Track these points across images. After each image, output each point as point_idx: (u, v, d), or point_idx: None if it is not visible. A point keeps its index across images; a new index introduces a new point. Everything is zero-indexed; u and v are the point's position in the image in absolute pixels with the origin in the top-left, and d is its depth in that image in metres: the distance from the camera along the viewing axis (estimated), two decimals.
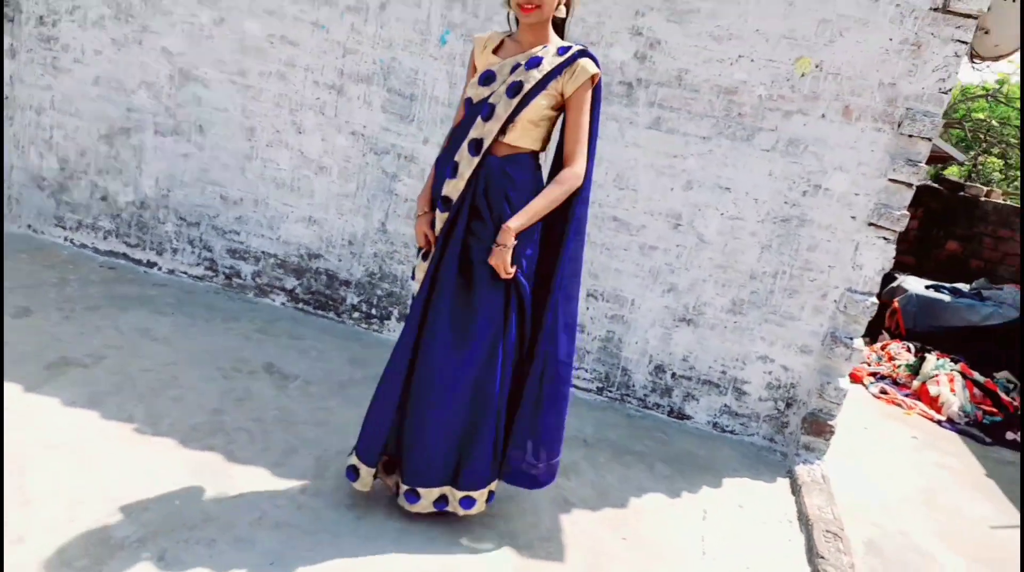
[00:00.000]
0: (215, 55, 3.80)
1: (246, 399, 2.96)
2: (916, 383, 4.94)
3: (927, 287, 6.03)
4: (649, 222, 3.43)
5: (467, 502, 2.31)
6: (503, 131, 2.14)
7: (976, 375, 4.97)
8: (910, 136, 3.07)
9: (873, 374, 5.11)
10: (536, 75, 2.10)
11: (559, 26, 2.23)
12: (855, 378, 4.98)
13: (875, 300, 3.25)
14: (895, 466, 3.73)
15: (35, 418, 2.53)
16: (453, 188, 2.17)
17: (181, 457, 2.47)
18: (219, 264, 4.09)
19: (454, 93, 3.51)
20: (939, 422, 4.56)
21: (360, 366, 3.48)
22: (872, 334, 6.05)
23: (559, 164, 2.23)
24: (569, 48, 2.14)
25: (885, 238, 3.20)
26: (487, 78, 2.16)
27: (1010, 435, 4.50)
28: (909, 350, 5.41)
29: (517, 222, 2.11)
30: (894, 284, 6.15)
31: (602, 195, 3.45)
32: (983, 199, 7.46)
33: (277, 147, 3.84)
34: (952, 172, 14.07)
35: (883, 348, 5.52)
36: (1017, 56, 4.85)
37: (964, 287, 6.19)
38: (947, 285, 6.14)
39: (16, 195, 4.31)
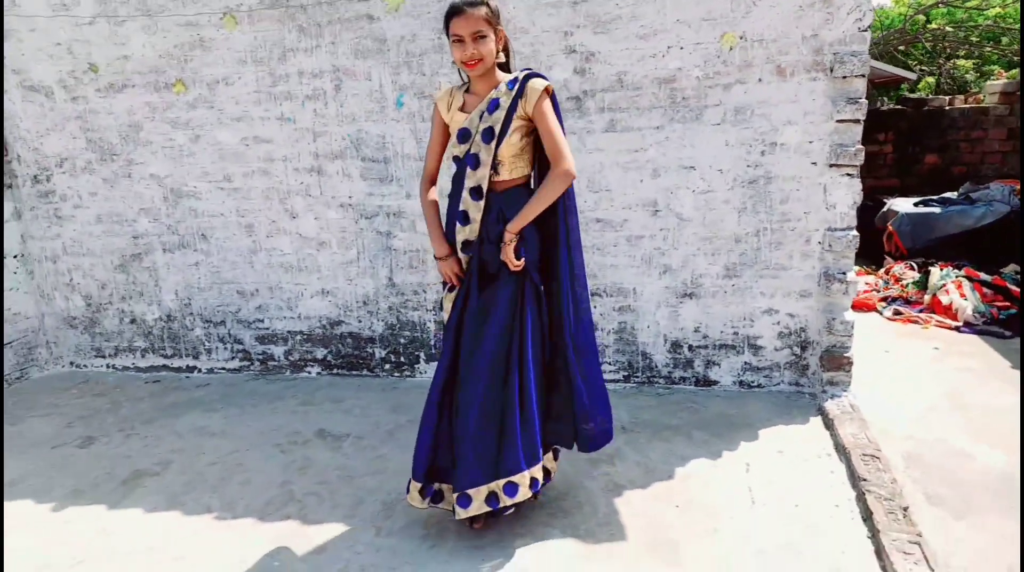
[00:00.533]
0: (200, 169, 4.11)
1: (307, 467, 3.20)
2: (927, 297, 5.09)
3: (916, 204, 6.19)
4: (629, 215, 3.67)
5: (510, 488, 2.44)
6: (495, 171, 2.42)
7: (982, 276, 5.12)
8: (844, 78, 3.29)
9: (884, 299, 5.27)
10: (500, 115, 2.37)
11: (504, 66, 2.49)
12: (868, 307, 5.15)
13: (855, 233, 3.45)
14: (921, 379, 3.89)
15: (124, 528, 2.78)
16: (469, 231, 2.47)
17: (262, 532, 2.71)
18: (252, 353, 4.36)
19: (422, 147, 3.78)
20: (957, 329, 4.71)
21: (403, 412, 3.71)
22: (876, 261, 6.21)
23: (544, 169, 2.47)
24: (516, 79, 2.39)
25: (849, 174, 3.41)
26: (464, 135, 2.44)
27: None
28: (913, 268, 5.57)
29: (514, 223, 2.38)
30: (884, 209, 6.32)
31: (580, 201, 3.68)
32: (948, 108, 7.62)
33: (277, 235, 4.12)
34: (925, 87, 14.18)
35: (887, 272, 5.69)
36: None
37: (952, 195, 6.34)
38: (935, 197, 6.30)
39: (52, 339, 4.62)
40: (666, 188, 3.59)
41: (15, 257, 4.42)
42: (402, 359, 4.14)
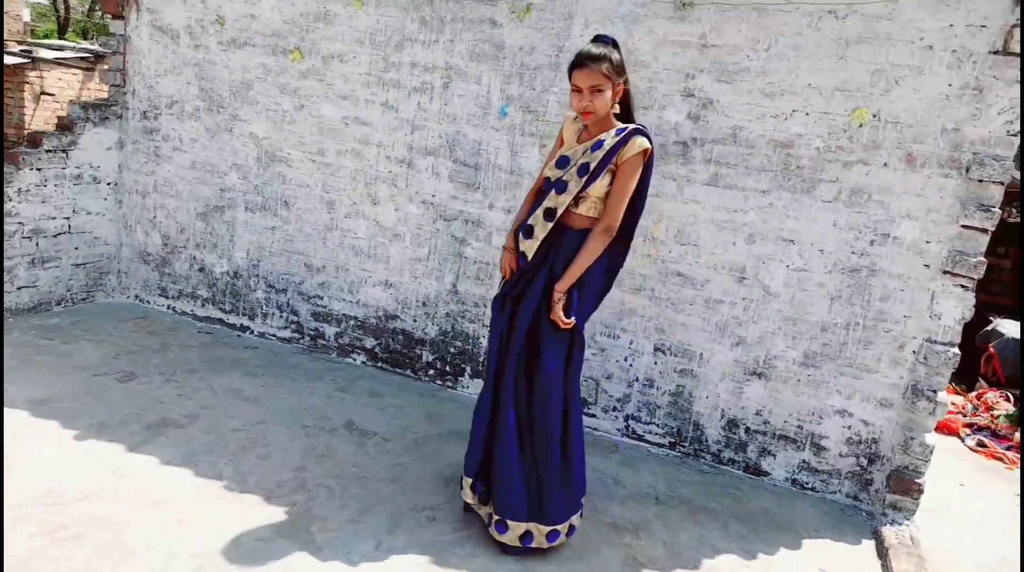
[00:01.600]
0: (297, 137, 4.13)
1: (327, 456, 3.12)
2: (1018, 435, 4.63)
3: None
4: (713, 276, 3.45)
5: (553, 536, 2.58)
6: (576, 202, 2.53)
7: None
8: (980, 181, 3.00)
9: (969, 425, 4.83)
10: (599, 155, 2.49)
11: (624, 115, 2.61)
12: (950, 430, 4.73)
13: (957, 351, 3.14)
14: (996, 524, 3.50)
15: (137, 475, 2.75)
16: (528, 247, 2.61)
17: (265, 514, 2.63)
18: (305, 327, 4.34)
19: (515, 161, 3.68)
20: None
21: (435, 423, 3.60)
22: (968, 382, 5.73)
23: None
24: (626, 129, 2.52)
25: (963, 286, 3.10)
26: (562, 162, 2.58)
27: None
28: (1008, 399, 5.09)
29: (563, 283, 2.51)
30: (989, 328, 5.83)
31: (664, 251, 3.50)
32: None
33: (355, 218, 4.09)
34: None
35: (979, 397, 5.22)
36: None
37: None
38: None
39: (124, 269, 4.74)
40: (758, 256, 3.37)
41: (108, 184, 4.56)
42: (448, 368, 4.03)
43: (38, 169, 4.11)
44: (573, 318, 2.52)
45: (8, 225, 4.02)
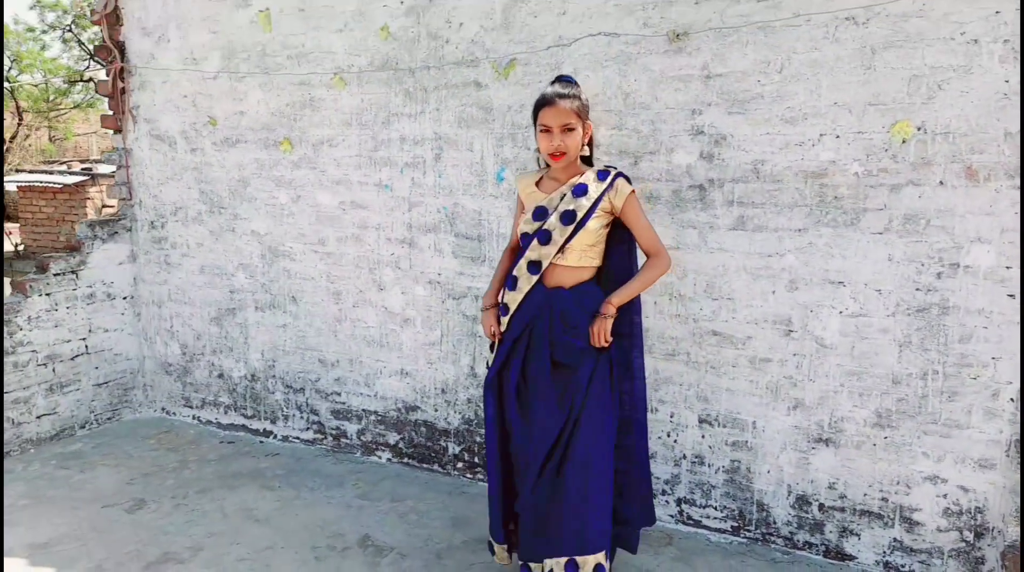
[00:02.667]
0: (297, 229, 3.95)
1: None
2: None
3: None
4: (755, 332, 3.00)
5: (570, 566, 2.42)
6: (562, 253, 2.42)
7: None
8: None
9: None
10: (585, 203, 2.39)
11: (587, 159, 2.51)
12: None
13: None
14: None
15: None
16: (511, 299, 2.54)
17: None
18: (326, 426, 4.08)
19: None
20: None
21: (461, 528, 3.22)
22: None
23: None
24: (607, 172, 2.45)
25: None
26: (540, 214, 2.46)
27: None
28: None
29: (618, 298, 2.42)
30: None
31: (695, 309, 3.08)
32: None
33: (363, 306, 3.85)
34: None
35: None
36: None
37: None
38: None
39: (149, 382, 4.62)
40: (805, 305, 2.90)
41: (124, 298, 4.49)
42: (476, 459, 3.66)
43: (47, 294, 4.06)
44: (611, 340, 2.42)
45: (21, 354, 3.95)
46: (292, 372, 4.12)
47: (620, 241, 2.51)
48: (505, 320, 2.54)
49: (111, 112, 4.42)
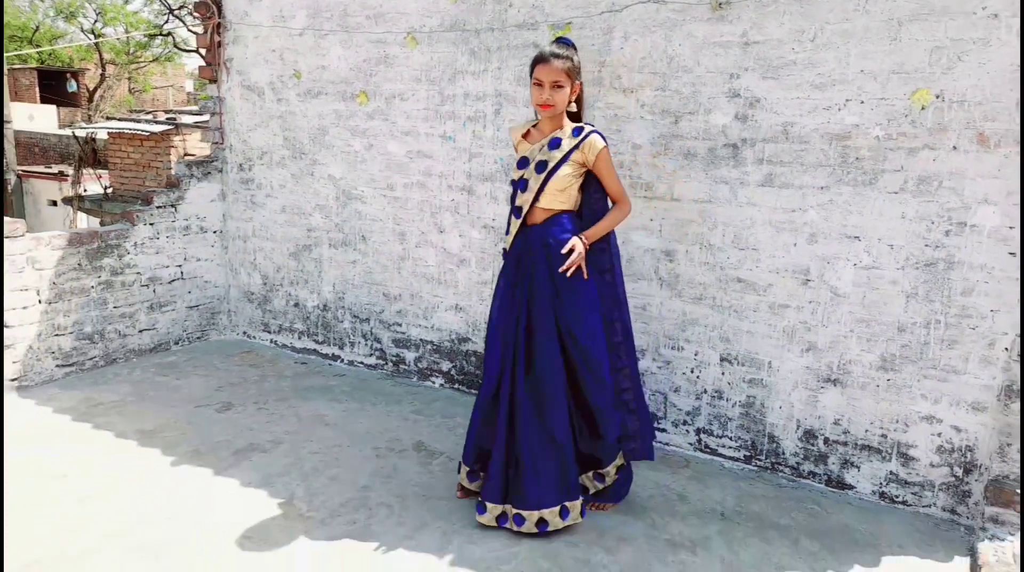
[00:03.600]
0: (368, 175, 4.38)
1: (392, 476, 3.26)
2: None
3: None
4: (776, 280, 3.30)
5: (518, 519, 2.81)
6: (536, 199, 2.78)
7: None
8: None
9: None
10: (557, 155, 2.75)
11: (575, 115, 2.87)
12: None
13: None
14: None
15: (218, 499, 3.01)
16: (507, 241, 2.95)
17: (326, 532, 2.79)
18: (387, 353, 4.56)
19: None
20: None
21: None
22: None
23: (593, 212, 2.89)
24: (582, 129, 2.78)
25: None
26: (522, 163, 2.86)
27: None
28: None
29: (588, 234, 2.79)
30: None
31: (723, 257, 3.39)
32: None
33: (424, 246, 4.27)
34: None
35: None
36: None
37: None
38: None
39: (232, 308, 5.19)
40: (822, 257, 3.18)
41: (215, 232, 5.03)
42: None
43: (151, 224, 4.62)
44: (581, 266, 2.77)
45: (127, 275, 4.54)
46: (359, 304, 4.60)
47: (596, 189, 2.85)
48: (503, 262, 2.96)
49: (207, 64, 4.92)
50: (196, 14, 4.94)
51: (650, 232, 3.55)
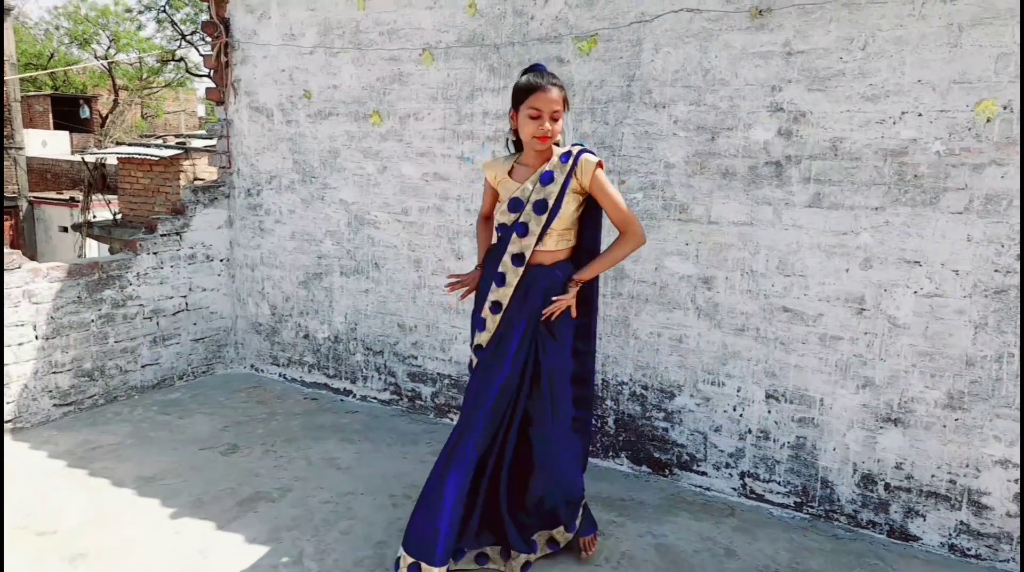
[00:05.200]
0: (382, 199, 4.16)
1: None
2: None
3: None
4: (826, 309, 3.02)
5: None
6: (540, 241, 2.51)
7: None
8: None
9: None
10: (553, 189, 2.47)
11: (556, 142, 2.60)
12: None
13: None
14: None
15: (220, 556, 2.75)
16: (502, 294, 2.57)
17: None
18: (402, 388, 4.30)
19: None
20: None
21: None
22: None
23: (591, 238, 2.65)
24: (569, 153, 2.50)
25: None
26: (515, 205, 2.53)
27: None
28: None
29: (585, 273, 2.55)
30: None
31: (767, 285, 3.12)
32: None
33: (441, 274, 4.03)
34: None
35: None
36: None
37: None
38: None
39: (239, 340, 4.95)
40: (878, 284, 2.91)
41: (221, 261, 4.81)
42: None
43: (154, 253, 4.40)
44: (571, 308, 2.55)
45: (129, 307, 4.31)
46: (372, 335, 4.35)
47: (589, 215, 2.60)
48: (497, 318, 2.58)
49: (214, 85, 4.73)
50: (204, 34, 4.77)
51: (685, 257, 3.29)
